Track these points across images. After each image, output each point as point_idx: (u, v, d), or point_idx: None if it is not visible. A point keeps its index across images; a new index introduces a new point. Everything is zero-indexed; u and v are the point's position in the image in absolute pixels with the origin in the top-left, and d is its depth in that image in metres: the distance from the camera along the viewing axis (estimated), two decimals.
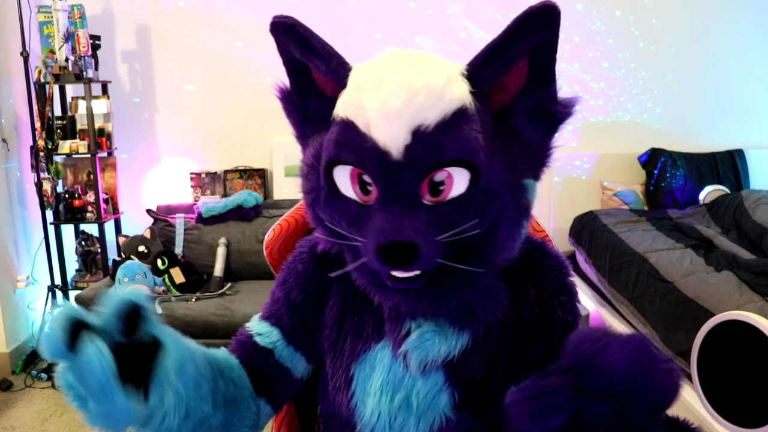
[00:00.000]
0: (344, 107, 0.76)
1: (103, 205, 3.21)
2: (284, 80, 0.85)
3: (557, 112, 0.79)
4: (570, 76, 3.43)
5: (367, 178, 0.75)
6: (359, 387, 0.87)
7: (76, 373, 0.64)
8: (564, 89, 0.83)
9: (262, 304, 0.96)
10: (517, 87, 0.77)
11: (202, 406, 0.75)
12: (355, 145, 0.73)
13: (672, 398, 0.60)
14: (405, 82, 0.71)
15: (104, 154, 3.28)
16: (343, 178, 0.77)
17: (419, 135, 0.71)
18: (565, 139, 0.86)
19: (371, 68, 0.77)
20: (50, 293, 3.22)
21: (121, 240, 3.14)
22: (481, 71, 0.75)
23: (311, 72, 0.83)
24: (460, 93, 0.73)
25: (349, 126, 0.74)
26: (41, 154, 3.07)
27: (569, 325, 0.86)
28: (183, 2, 3.39)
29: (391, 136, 0.71)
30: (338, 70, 0.78)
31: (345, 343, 0.89)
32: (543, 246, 0.90)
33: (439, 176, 0.72)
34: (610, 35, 3.45)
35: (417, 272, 0.75)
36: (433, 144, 0.71)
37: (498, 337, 0.85)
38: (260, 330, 0.92)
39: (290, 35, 0.80)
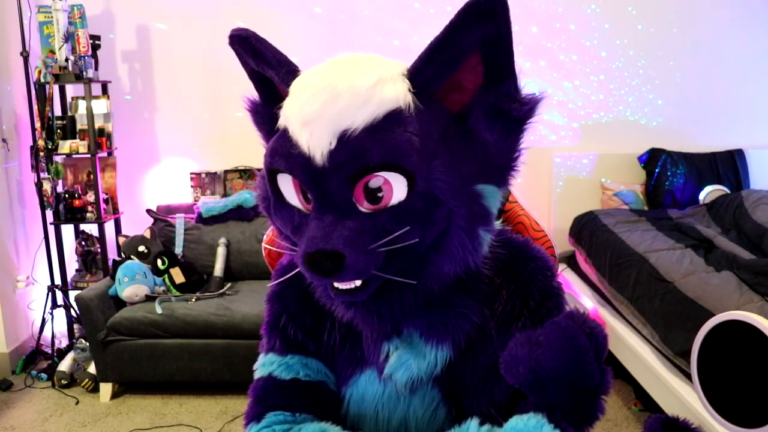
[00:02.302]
0: (281, 115, 0.75)
1: (103, 205, 3.21)
2: (247, 96, 0.85)
3: (513, 110, 0.73)
4: (569, 69, 3.43)
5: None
6: (352, 408, 0.86)
7: None
8: (564, 84, 0.80)
9: (262, 343, 0.92)
10: (475, 85, 0.73)
11: None
12: (284, 152, 0.71)
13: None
14: (326, 85, 0.69)
15: (104, 154, 3.28)
16: (287, 186, 0.75)
17: (345, 139, 0.67)
18: (565, 138, 0.83)
19: (307, 73, 0.75)
20: (50, 293, 3.22)
21: (121, 240, 3.14)
22: (423, 70, 0.71)
23: (275, 82, 0.81)
24: (393, 94, 0.69)
25: (283, 133, 0.73)
26: (41, 154, 3.07)
27: None
28: (183, 2, 3.39)
29: (314, 140, 0.68)
30: (287, 79, 0.76)
31: (336, 368, 0.88)
32: (526, 247, 0.87)
33: (374, 182, 0.69)
34: (607, 19, 3.41)
35: (357, 283, 0.72)
36: (357, 148, 0.67)
37: (485, 349, 0.83)
38: (288, 367, 0.86)
39: (244, 47, 0.79)
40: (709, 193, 3.27)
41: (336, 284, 0.73)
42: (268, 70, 0.79)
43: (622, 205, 3.35)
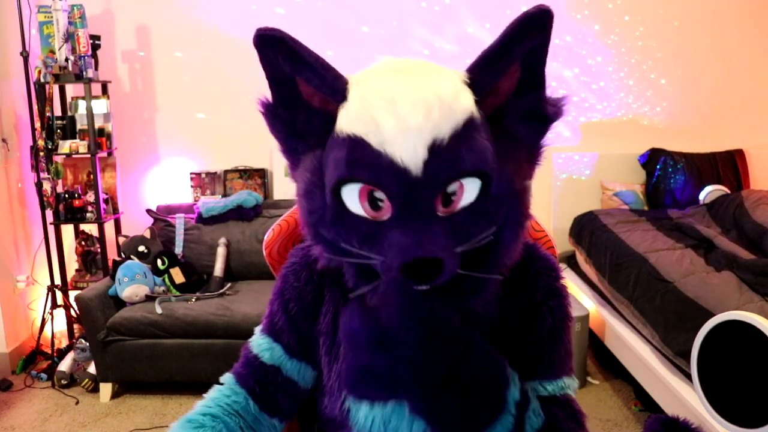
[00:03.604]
0: (350, 123, 0.73)
1: (103, 205, 3.21)
2: (260, 97, 0.82)
3: (546, 110, 0.78)
4: (568, 66, 3.43)
5: (379, 194, 0.73)
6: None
7: None
8: (565, 80, 0.83)
9: (263, 317, 0.97)
10: (508, 90, 0.77)
11: None
12: (369, 163, 0.71)
13: None
14: (420, 97, 0.70)
15: (104, 154, 3.28)
16: (352, 195, 0.74)
17: (435, 149, 0.70)
18: (565, 138, 0.86)
19: (377, 82, 0.75)
20: (50, 293, 3.22)
21: (121, 240, 3.14)
22: (482, 78, 0.75)
23: (297, 84, 0.79)
24: (467, 103, 0.73)
25: (359, 143, 0.72)
26: (41, 154, 3.07)
27: (557, 331, 0.87)
28: (183, 2, 3.39)
29: (410, 153, 0.69)
30: (335, 84, 0.76)
31: (339, 349, 0.89)
32: (534, 248, 0.90)
33: (452, 187, 0.72)
34: (603, 18, 3.40)
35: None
36: (451, 157, 0.70)
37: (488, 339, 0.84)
38: (263, 348, 0.93)
39: (278, 49, 0.76)
40: (709, 193, 3.27)
41: (418, 287, 0.74)
42: (307, 73, 0.77)
43: (622, 205, 3.35)
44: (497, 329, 0.86)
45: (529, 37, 0.72)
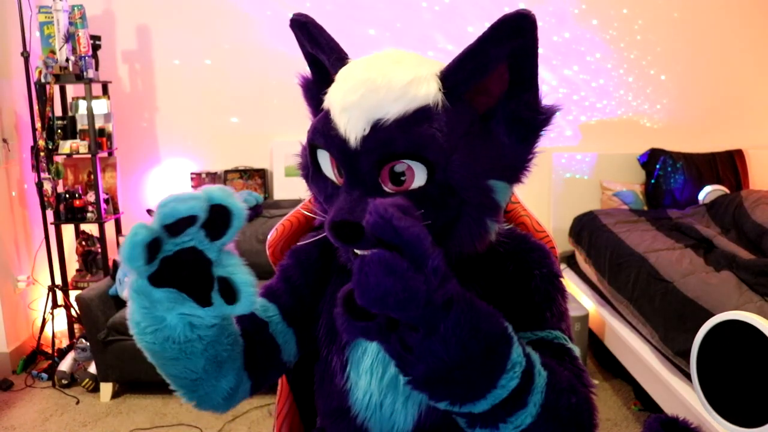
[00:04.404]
0: (326, 98, 0.83)
1: (103, 205, 3.22)
2: (300, 72, 0.94)
3: (531, 118, 0.80)
4: (568, 68, 3.44)
5: None
6: (353, 370, 0.90)
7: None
8: (564, 81, 0.83)
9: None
10: (500, 91, 0.80)
11: (195, 344, 0.81)
12: (324, 131, 0.81)
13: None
14: (366, 78, 0.78)
15: (104, 154, 3.29)
16: (325, 160, 0.84)
17: (377, 127, 0.76)
18: (565, 138, 0.86)
19: (351, 64, 0.84)
20: (51, 293, 3.22)
21: (122, 240, 3.14)
22: (454, 74, 0.79)
23: (327, 66, 0.90)
24: (425, 92, 0.77)
25: (325, 115, 0.82)
26: (42, 154, 3.07)
27: (549, 294, 0.87)
28: (184, 3, 3.39)
29: (350, 126, 0.77)
30: (336, 65, 0.86)
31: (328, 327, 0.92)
32: (526, 236, 0.93)
33: (399, 167, 0.77)
34: (604, 16, 3.41)
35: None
36: (386, 137, 0.76)
37: None
38: (258, 305, 0.94)
39: (302, 31, 0.90)
40: (708, 193, 3.28)
41: (356, 250, 0.82)
42: (320, 54, 0.89)
43: (621, 205, 3.35)
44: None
45: (506, 39, 0.75)
